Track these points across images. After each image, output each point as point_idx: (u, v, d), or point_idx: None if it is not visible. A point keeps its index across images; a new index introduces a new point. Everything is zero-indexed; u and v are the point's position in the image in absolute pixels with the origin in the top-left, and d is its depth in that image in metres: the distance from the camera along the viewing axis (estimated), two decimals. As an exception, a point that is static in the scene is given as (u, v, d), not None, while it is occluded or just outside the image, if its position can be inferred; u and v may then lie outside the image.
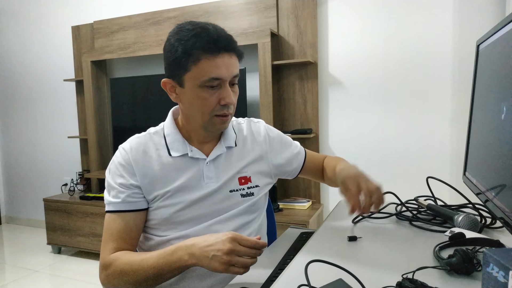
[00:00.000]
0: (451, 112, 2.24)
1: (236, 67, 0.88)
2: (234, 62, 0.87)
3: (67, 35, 3.41)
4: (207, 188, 0.94)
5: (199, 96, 0.86)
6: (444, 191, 1.19)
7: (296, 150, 1.11)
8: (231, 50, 0.86)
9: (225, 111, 0.88)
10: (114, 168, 0.94)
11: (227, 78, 0.86)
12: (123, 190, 0.91)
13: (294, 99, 2.59)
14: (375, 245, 0.86)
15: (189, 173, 0.93)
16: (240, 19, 2.64)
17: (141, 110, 2.94)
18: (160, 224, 0.93)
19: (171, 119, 0.99)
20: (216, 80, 0.85)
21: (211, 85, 0.85)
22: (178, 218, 0.92)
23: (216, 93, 0.86)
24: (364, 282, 0.61)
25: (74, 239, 2.93)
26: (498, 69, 0.77)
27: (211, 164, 0.95)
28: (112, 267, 0.85)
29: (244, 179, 0.99)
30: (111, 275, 0.86)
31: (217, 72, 0.84)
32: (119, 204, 0.91)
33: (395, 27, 2.33)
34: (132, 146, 0.94)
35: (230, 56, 0.86)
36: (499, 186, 0.71)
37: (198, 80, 0.85)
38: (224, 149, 0.98)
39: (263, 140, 1.05)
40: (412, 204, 1.13)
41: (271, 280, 0.72)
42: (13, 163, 3.88)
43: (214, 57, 0.83)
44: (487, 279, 0.48)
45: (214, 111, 0.88)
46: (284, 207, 2.49)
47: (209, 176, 0.94)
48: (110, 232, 0.90)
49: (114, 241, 0.89)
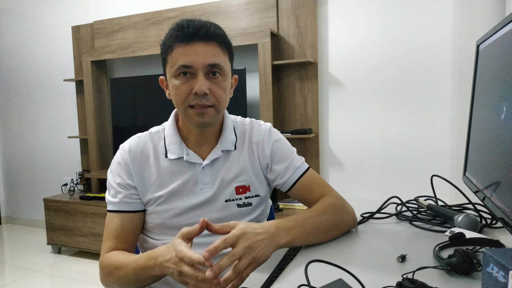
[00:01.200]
0: (451, 112, 2.24)
1: (214, 56, 0.83)
2: (210, 51, 0.83)
3: (67, 35, 3.41)
4: (202, 195, 0.91)
5: (173, 86, 0.85)
6: (445, 191, 1.19)
7: (296, 164, 0.97)
8: (208, 39, 0.83)
9: (198, 101, 0.83)
10: (114, 167, 0.94)
11: (199, 66, 0.82)
12: (121, 190, 0.91)
13: (294, 99, 2.59)
14: (375, 245, 0.85)
15: (184, 177, 0.91)
16: (240, 19, 2.64)
17: (141, 110, 2.94)
18: (155, 228, 0.93)
19: (173, 120, 0.97)
20: (187, 67, 0.82)
21: (183, 73, 0.83)
22: (172, 224, 0.91)
23: (188, 82, 0.84)
24: (364, 282, 0.61)
25: (74, 239, 2.93)
26: (498, 69, 0.77)
27: (207, 169, 0.92)
28: (105, 266, 0.86)
29: (242, 188, 0.94)
30: (104, 274, 0.87)
31: (186, 59, 0.82)
32: (117, 204, 0.91)
33: (395, 27, 2.33)
34: (131, 146, 0.94)
35: (205, 45, 0.83)
36: (499, 186, 0.71)
37: (172, 69, 0.85)
38: (220, 153, 0.93)
39: (265, 145, 0.97)
40: (412, 204, 1.13)
41: (271, 280, 0.72)
42: (13, 163, 3.88)
43: (185, 45, 0.82)
44: (487, 279, 0.48)
45: (187, 101, 0.84)
46: (284, 207, 2.49)
47: (204, 182, 0.92)
48: (108, 231, 0.91)
49: (110, 240, 0.89)
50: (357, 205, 1.15)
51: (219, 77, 0.86)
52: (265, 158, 0.97)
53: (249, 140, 0.98)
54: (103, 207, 2.78)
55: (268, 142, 0.97)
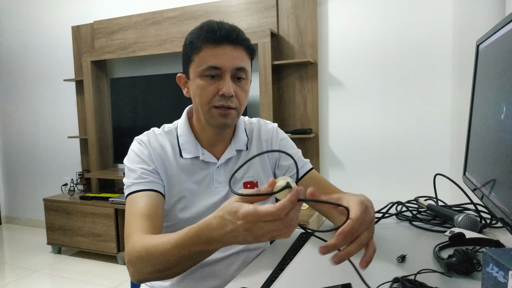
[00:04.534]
0: (451, 112, 2.24)
1: (241, 60, 0.86)
2: (238, 55, 0.85)
3: (67, 35, 3.41)
4: (217, 194, 0.92)
5: (198, 86, 0.86)
6: (445, 191, 1.19)
7: (304, 160, 1.04)
8: (236, 43, 0.85)
9: (224, 103, 0.85)
10: (134, 156, 0.90)
11: (227, 69, 0.84)
12: (147, 172, 0.87)
13: (294, 99, 2.59)
14: (375, 245, 0.85)
15: (199, 176, 0.92)
16: (240, 19, 2.64)
17: (141, 110, 2.94)
18: (169, 229, 0.90)
19: (185, 119, 0.97)
20: (215, 69, 0.84)
21: (210, 75, 0.84)
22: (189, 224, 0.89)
23: (215, 83, 0.85)
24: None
25: (74, 239, 2.93)
26: (498, 69, 0.76)
27: (221, 168, 0.94)
28: (135, 251, 0.73)
29: (250, 184, 0.96)
30: (136, 261, 0.72)
31: (215, 61, 0.83)
32: (145, 184, 0.85)
33: (395, 27, 2.33)
34: (150, 139, 0.92)
35: (233, 48, 0.85)
36: (499, 186, 0.71)
37: (199, 69, 0.85)
38: (234, 152, 0.95)
39: (274, 142, 1.01)
40: (413, 204, 1.13)
41: (271, 281, 0.72)
42: (13, 163, 3.88)
43: (214, 47, 0.84)
44: (487, 279, 0.48)
45: (213, 101, 0.85)
46: (284, 207, 2.48)
47: (218, 181, 0.93)
48: (134, 212, 0.81)
49: (139, 220, 0.79)
50: (357, 205, 1.15)
51: (243, 81, 0.88)
52: (273, 155, 1.01)
53: (257, 137, 1.01)
54: (103, 207, 2.78)
55: (276, 140, 1.02)
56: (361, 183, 2.49)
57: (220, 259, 0.91)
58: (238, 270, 0.92)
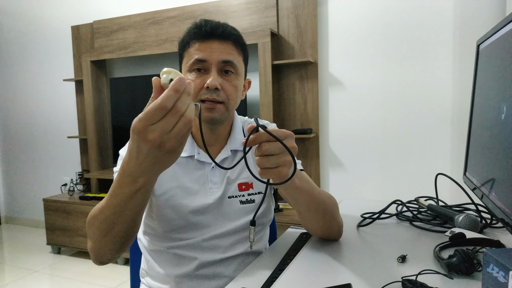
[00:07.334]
0: (451, 112, 2.24)
1: (228, 54, 0.87)
2: (225, 49, 0.86)
3: (66, 35, 3.41)
4: (212, 194, 0.91)
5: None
6: (445, 192, 1.19)
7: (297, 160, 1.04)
8: (224, 38, 0.87)
9: (209, 96, 0.85)
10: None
11: (213, 61, 0.85)
12: None
13: (294, 99, 2.59)
14: (376, 245, 0.85)
15: (194, 176, 0.92)
16: (240, 18, 2.64)
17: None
18: (162, 227, 0.90)
19: None
20: (201, 62, 0.85)
21: (197, 68, 0.86)
22: (181, 223, 0.89)
23: (202, 77, 0.86)
24: (364, 282, 0.60)
25: (73, 239, 2.93)
26: (498, 69, 0.76)
27: (216, 169, 0.93)
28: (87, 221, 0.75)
29: (245, 185, 0.94)
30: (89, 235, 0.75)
31: (201, 54, 0.85)
32: None
33: (395, 27, 2.33)
34: None
35: (221, 43, 0.86)
36: (499, 186, 0.71)
37: (187, 64, 0.88)
38: (229, 153, 0.94)
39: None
40: (413, 204, 1.13)
41: (271, 281, 0.72)
42: (13, 163, 3.87)
43: (201, 42, 0.87)
44: (487, 279, 0.48)
45: (199, 95, 0.86)
46: (284, 207, 2.49)
47: (213, 181, 0.92)
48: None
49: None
50: (357, 205, 1.15)
51: (232, 75, 0.88)
52: None
53: None
54: (103, 207, 2.77)
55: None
56: (361, 183, 2.49)
57: (220, 260, 0.91)
58: (238, 271, 0.92)
